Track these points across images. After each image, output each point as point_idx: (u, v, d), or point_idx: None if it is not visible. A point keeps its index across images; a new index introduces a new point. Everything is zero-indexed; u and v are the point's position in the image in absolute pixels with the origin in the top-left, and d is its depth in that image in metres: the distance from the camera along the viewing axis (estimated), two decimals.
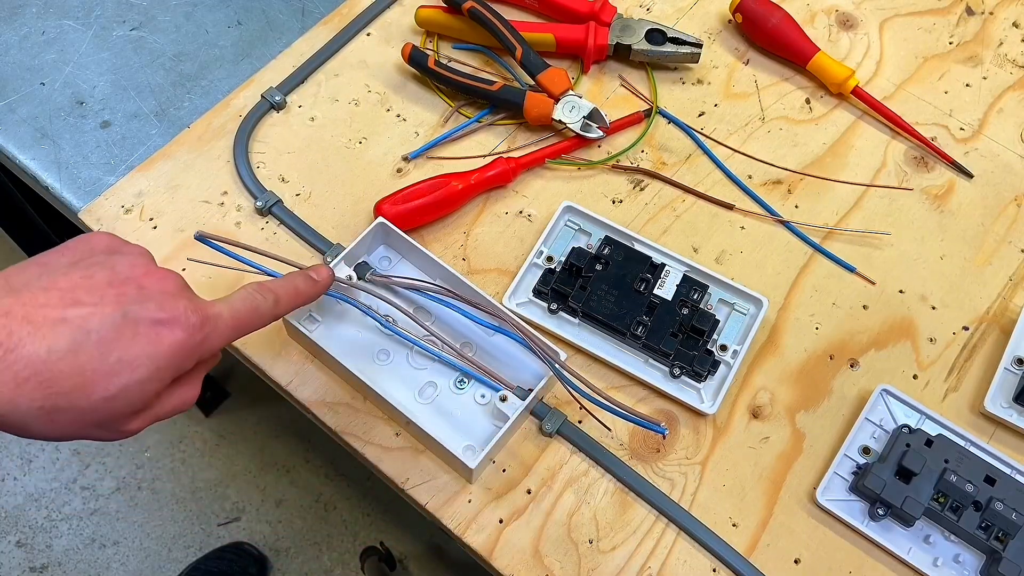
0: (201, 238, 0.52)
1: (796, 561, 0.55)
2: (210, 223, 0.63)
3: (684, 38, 0.70)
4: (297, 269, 0.51)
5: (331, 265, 0.58)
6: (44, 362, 0.37)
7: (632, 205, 0.66)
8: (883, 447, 0.57)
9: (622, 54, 0.71)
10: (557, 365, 0.54)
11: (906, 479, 0.54)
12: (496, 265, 0.63)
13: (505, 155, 0.67)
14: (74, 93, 0.69)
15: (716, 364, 0.59)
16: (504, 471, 0.56)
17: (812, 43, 0.72)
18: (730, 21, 0.75)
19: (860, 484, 0.55)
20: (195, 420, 1.35)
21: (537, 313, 0.61)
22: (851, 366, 0.61)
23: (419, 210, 0.62)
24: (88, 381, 0.38)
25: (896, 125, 0.70)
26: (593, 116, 0.67)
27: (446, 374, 0.58)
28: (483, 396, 0.57)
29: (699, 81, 0.73)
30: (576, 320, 0.60)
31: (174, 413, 0.45)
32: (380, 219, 0.60)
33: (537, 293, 0.61)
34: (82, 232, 0.64)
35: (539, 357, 0.55)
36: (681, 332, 0.59)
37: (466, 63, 0.72)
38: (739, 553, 0.55)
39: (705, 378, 0.59)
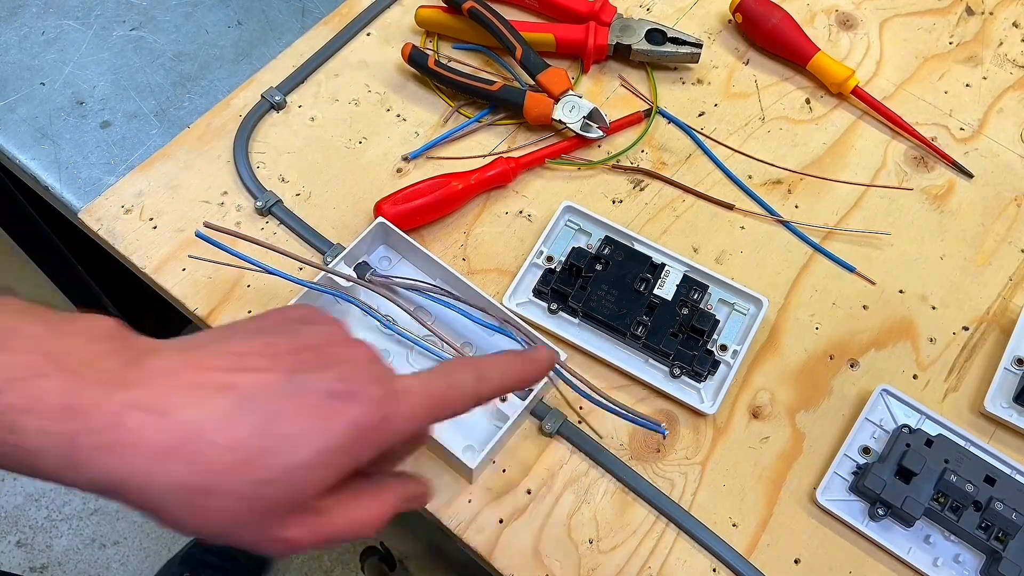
0: (203, 236, 0.52)
1: (796, 561, 0.55)
2: None
3: (684, 38, 0.70)
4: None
5: (331, 265, 0.58)
6: (196, 431, 0.30)
7: (632, 205, 0.66)
8: (883, 447, 0.57)
9: (622, 54, 0.71)
10: (557, 365, 0.54)
11: (906, 479, 0.54)
12: (496, 265, 0.63)
13: (505, 155, 0.67)
14: (74, 93, 0.69)
15: (716, 364, 0.59)
16: (504, 471, 0.56)
17: (812, 43, 0.72)
18: (730, 21, 0.75)
19: (860, 484, 0.55)
20: None
21: (537, 313, 0.61)
22: (851, 366, 0.61)
23: (419, 210, 0.62)
24: (244, 459, 0.31)
25: (896, 125, 0.70)
26: (593, 116, 0.67)
27: None
28: None
29: (699, 81, 0.73)
30: (576, 320, 0.60)
31: (347, 532, 0.34)
32: (380, 219, 0.60)
33: (537, 293, 0.61)
34: (82, 231, 0.64)
35: None
36: (681, 332, 0.59)
37: (466, 63, 0.72)
38: (739, 553, 0.55)
39: (705, 378, 0.59)
